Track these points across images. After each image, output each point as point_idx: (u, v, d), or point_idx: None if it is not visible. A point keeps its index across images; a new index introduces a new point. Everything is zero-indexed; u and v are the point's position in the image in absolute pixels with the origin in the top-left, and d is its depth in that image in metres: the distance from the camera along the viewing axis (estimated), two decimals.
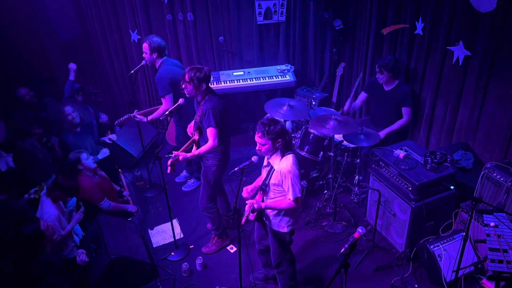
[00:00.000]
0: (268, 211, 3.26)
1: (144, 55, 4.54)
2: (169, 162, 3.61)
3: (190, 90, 3.66)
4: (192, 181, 5.28)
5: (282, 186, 3.12)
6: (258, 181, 3.41)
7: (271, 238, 3.41)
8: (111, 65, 6.03)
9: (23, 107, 4.96)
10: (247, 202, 3.20)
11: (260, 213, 3.35)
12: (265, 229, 3.48)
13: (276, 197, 3.20)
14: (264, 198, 3.25)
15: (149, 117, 4.60)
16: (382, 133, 4.61)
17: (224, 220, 4.34)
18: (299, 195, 3.09)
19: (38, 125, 4.58)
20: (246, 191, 3.36)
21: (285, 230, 3.30)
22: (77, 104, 5.20)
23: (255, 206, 3.10)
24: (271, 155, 3.15)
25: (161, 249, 4.38)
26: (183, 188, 5.26)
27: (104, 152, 5.01)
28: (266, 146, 3.07)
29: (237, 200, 3.12)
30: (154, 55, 4.50)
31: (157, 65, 4.60)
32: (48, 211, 3.85)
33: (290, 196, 3.09)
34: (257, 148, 3.13)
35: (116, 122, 4.67)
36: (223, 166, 3.95)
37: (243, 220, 3.09)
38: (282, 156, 3.10)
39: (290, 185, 3.06)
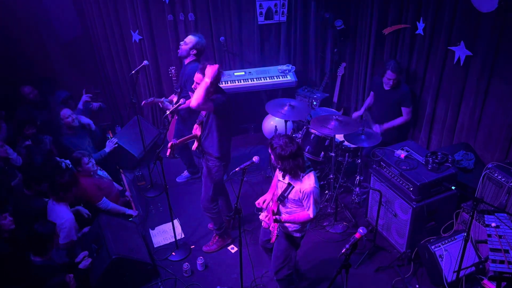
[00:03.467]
0: (283, 217, 3.24)
1: (182, 45, 4.47)
2: (169, 145, 3.56)
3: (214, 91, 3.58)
4: (185, 172, 5.34)
5: (301, 202, 3.13)
6: (271, 190, 3.41)
7: (280, 241, 3.36)
8: (112, 65, 6.03)
9: (27, 105, 4.97)
10: (262, 218, 3.27)
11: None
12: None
13: (293, 208, 3.20)
14: (280, 207, 3.25)
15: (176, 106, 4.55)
16: (381, 127, 4.63)
17: (225, 220, 4.34)
18: (316, 211, 3.12)
19: (31, 125, 4.55)
20: (261, 200, 3.37)
21: (298, 234, 3.31)
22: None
23: (275, 219, 3.12)
24: (288, 176, 3.14)
25: (162, 249, 4.38)
26: (177, 179, 5.34)
27: (110, 145, 4.99)
28: (273, 160, 3.09)
29: (237, 200, 3.12)
30: (193, 51, 4.46)
31: (186, 60, 4.54)
32: (64, 215, 3.82)
33: (310, 213, 3.10)
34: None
35: (142, 103, 4.63)
36: (224, 167, 3.95)
37: (273, 239, 3.11)
38: (303, 176, 3.07)
39: (312, 204, 3.07)
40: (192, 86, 3.66)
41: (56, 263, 3.48)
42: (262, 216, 3.35)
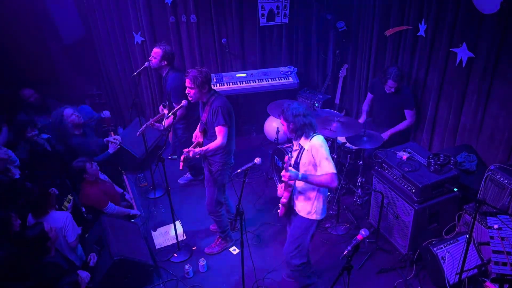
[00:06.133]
0: (300, 197, 3.24)
1: (151, 58, 4.52)
2: (182, 158, 3.66)
3: (193, 94, 3.66)
4: (187, 173, 5.34)
5: (314, 163, 3.09)
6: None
7: (295, 225, 3.37)
8: (115, 66, 6.05)
9: (28, 109, 4.97)
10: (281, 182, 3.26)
11: (290, 206, 3.34)
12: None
13: (308, 169, 3.17)
14: (296, 182, 3.23)
15: (166, 123, 4.55)
16: (386, 134, 4.62)
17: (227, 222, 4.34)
18: (334, 171, 3.03)
19: (32, 127, 4.51)
20: (280, 188, 3.34)
21: (314, 217, 3.28)
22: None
23: (290, 177, 3.05)
24: (298, 139, 3.17)
25: (164, 251, 4.38)
26: (179, 181, 5.34)
27: (114, 146, 5.00)
28: (284, 126, 3.19)
29: (239, 201, 3.12)
30: (164, 63, 4.51)
31: (163, 73, 4.60)
32: (60, 217, 3.75)
33: (329, 169, 3.00)
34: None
35: (138, 133, 4.62)
36: (228, 170, 3.95)
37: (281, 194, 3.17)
38: (312, 136, 3.11)
39: (324, 158, 3.03)
40: (186, 92, 3.69)
41: (62, 262, 3.44)
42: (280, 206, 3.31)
